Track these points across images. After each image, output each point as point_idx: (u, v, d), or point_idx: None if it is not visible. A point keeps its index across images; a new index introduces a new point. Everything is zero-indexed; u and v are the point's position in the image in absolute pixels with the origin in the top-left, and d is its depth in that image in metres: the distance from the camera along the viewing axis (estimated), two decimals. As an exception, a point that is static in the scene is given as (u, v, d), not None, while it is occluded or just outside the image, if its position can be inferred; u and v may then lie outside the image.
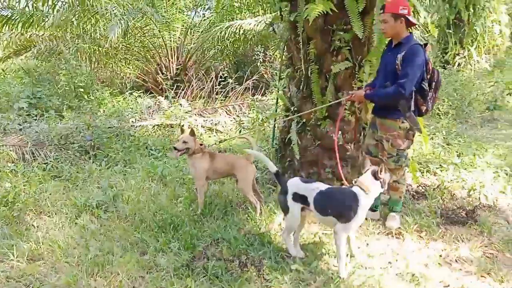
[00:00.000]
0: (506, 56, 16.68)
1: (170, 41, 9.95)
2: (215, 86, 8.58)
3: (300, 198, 3.15)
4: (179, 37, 10.18)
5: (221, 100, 8.34)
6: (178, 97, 8.30)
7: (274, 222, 3.74)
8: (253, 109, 7.04)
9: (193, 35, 10.82)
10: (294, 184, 3.23)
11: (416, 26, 3.76)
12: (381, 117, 3.65)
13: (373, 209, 3.92)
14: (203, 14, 11.27)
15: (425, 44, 3.49)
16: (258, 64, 9.67)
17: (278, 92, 4.90)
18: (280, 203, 3.31)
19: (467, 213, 4.00)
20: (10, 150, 5.32)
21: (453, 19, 11.89)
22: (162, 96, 8.51)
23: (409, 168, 4.38)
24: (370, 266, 3.17)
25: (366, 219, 3.83)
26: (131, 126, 6.89)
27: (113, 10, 8.20)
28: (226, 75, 8.66)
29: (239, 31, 9.03)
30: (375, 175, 3.06)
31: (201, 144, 4.00)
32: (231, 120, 7.31)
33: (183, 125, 4.98)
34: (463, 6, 11.94)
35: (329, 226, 3.28)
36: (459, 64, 11.94)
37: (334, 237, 3.07)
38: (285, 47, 4.82)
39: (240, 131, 6.29)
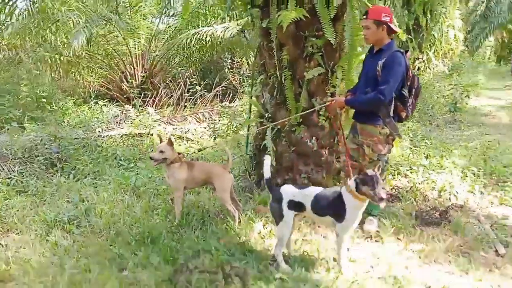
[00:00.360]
0: (460, 59, 17.46)
1: (135, 48, 9.78)
2: (184, 93, 8.47)
3: (296, 205, 3.13)
4: (144, 44, 10.02)
5: (190, 107, 8.24)
6: (146, 106, 8.14)
7: (254, 231, 3.71)
8: (224, 116, 7.00)
9: (157, 42, 10.70)
10: (289, 191, 3.19)
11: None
12: (361, 123, 3.69)
13: None
14: (167, 21, 11.15)
15: (406, 51, 3.57)
16: (226, 70, 9.63)
17: (251, 98, 4.87)
18: (273, 211, 3.23)
19: (440, 214, 4.10)
20: (-30, 166, 5.04)
21: (412, 25, 12.29)
22: (128, 105, 8.33)
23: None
24: (352, 271, 3.18)
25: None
26: (98, 136, 6.69)
27: (75, 18, 7.96)
28: (194, 82, 8.58)
29: (206, 37, 8.98)
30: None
31: (179, 153, 3.92)
32: (201, 128, 7.23)
33: (159, 134, 4.86)
34: (421, 12, 12.38)
35: (328, 226, 3.32)
36: (418, 68, 12.37)
37: (336, 239, 3.13)
38: (257, 53, 4.82)
39: (214, 139, 6.23)
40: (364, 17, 3.53)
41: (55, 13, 8.00)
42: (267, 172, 3.26)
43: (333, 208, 3.07)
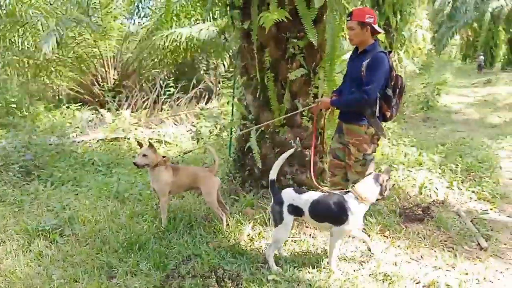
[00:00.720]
0: (428, 58, 17.97)
1: (106, 50, 9.58)
2: (160, 96, 8.35)
3: (295, 210, 3.13)
4: (115, 46, 9.83)
5: (168, 110, 8.13)
6: (121, 109, 7.98)
7: (243, 234, 3.69)
8: (202, 118, 6.94)
9: (128, 43, 10.52)
10: (289, 195, 3.19)
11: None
12: (347, 123, 3.73)
13: None
14: (139, 22, 10.99)
15: (389, 52, 3.63)
16: (202, 72, 9.56)
17: (233, 100, 4.85)
18: (274, 214, 3.21)
19: (423, 210, 4.18)
20: None
21: (382, 25, 12.52)
22: (101, 108, 8.17)
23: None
24: (343, 269, 3.21)
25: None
26: (73, 142, 6.52)
27: (44, 21, 7.73)
28: (171, 84, 8.46)
29: (180, 38, 8.89)
30: (377, 179, 3.12)
31: (163, 157, 3.85)
32: (179, 130, 7.15)
33: (138, 139, 4.76)
34: (391, 13, 12.60)
35: (326, 230, 3.33)
36: (391, 68, 12.60)
37: (329, 238, 3.16)
38: (239, 55, 4.80)
39: (198, 141, 6.17)
40: (349, 18, 3.57)
41: (23, 16, 7.73)
42: (273, 173, 3.26)
43: (333, 214, 3.08)
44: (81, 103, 9.04)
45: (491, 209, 4.45)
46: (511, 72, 20.91)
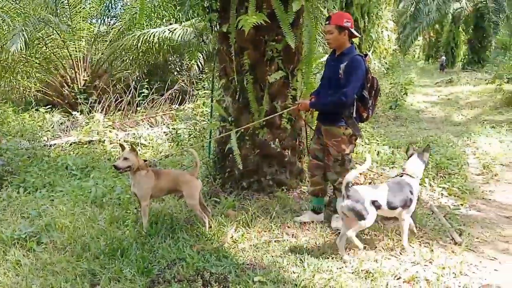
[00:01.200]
0: (393, 58, 18.46)
1: (76, 51, 9.36)
2: (135, 97, 8.23)
3: (373, 204, 3.35)
4: (85, 47, 9.62)
5: (142, 112, 8.02)
6: (93, 111, 7.82)
7: (226, 236, 3.71)
8: (178, 120, 6.90)
9: (99, 44, 10.31)
10: (367, 191, 3.39)
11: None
12: (326, 125, 3.81)
13: (317, 211, 4.09)
14: (109, 22, 10.79)
15: (365, 55, 3.73)
16: (175, 73, 9.48)
17: (212, 102, 4.86)
18: (355, 211, 3.31)
19: (398, 207, 4.32)
20: None
21: (351, 27, 12.75)
22: (72, 111, 7.97)
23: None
24: (326, 268, 3.28)
25: (312, 222, 4.04)
26: (45, 146, 6.35)
27: (10, 21, 7.49)
28: (146, 86, 8.35)
29: (153, 39, 8.78)
30: (421, 158, 3.62)
31: (145, 160, 3.82)
32: (155, 133, 7.07)
33: (121, 143, 4.69)
34: (359, 15, 12.92)
35: (394, 217, 3.65)
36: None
37: (400, 222, 3.53)
38: (217, 57, 4.81)
39: (178, 143, 6.12)
40: (327, 22, 3.65)
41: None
42: (352, 175, 3.35)
43: (405, 199, 3.43)
44: (50, 106, 8.77)
45: (461, 204, 4.64)
46: (471, 72, 21.71)
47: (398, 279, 3.17)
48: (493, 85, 12.41)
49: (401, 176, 3.60)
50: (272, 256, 3.44)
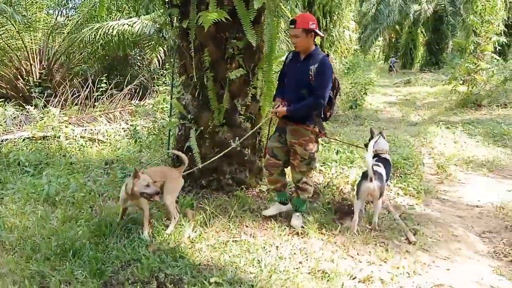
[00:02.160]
0: (353, 58, 18.81)
1: (31, 43, 8.99)
2: (92, 92, 7.96)
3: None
4: (41, 39, 9.24)
5: (100, 107, 7.78)
6: (49, 105, 7.51)
7: (183, 236, 3.66)
8: (138, 116, 6.74)
9: (56, 36, 9.93)
10: (383, 172, 3.99)
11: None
12: (294, 124, 3.80)
13: (284, 202, 4.11)
14: (66, 13, 10.41)
15: (327, 55, 3.76)
16: (136, 68, 9.27)
17: (172, 99, 4.77)
18: (381, 190, 3.91)
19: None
20: None
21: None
22: (26, 104, 7.64)
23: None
24: (283, 268, 3.28)
25: (272, 217, 4.06)
26: (-5, 140, 6.06)
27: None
28: (104, 80, 8.09)
29: (112, 32, 8.54)
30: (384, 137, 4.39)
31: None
32: (113, 129, 6.88)
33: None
34: (321, 14, 13.02)
35: None
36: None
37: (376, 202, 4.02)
38: (177, 53, 4.73)
39: (136, 140, 5.98)
40: (293, 26, 3.62)
41: None
42: (371, 160, 3.87)
43: (389, 173, 4.27)
44: (3, 99, 8.37)
45: (416, 204, 4.78)
46: (429, 73, 22.45)
47: (353, 279, 3.23)
48: (449, 86, 12.86)
49: (378, 156, 4.15)
50: (230, 256, 3.42)
